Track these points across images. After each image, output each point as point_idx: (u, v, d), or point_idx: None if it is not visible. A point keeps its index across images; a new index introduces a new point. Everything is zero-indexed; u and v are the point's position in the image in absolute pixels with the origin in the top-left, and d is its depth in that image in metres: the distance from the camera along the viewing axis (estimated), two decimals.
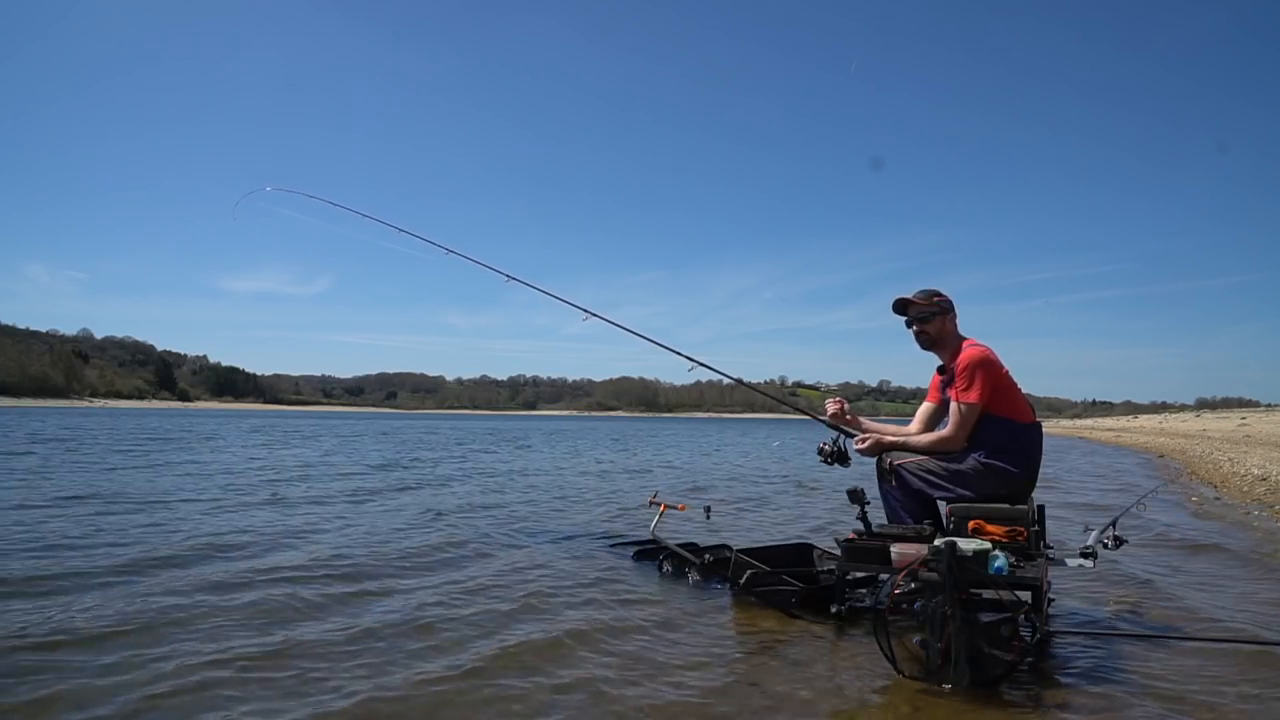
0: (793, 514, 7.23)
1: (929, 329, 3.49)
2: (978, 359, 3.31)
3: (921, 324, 3.50)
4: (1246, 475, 10.38)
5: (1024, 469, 3.30)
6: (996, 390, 3.32)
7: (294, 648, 2.91)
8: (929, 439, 3.42)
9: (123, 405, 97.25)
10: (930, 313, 3.48)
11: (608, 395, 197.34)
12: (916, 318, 3.51)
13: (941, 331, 3.49)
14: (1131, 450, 21.97)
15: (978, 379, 3.28)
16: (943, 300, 3.50)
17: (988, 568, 2.73)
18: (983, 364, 3.30)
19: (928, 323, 3.49)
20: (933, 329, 3.49)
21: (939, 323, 3.48)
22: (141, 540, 4.99)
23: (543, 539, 5.50)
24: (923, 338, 3.53)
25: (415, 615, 3.39)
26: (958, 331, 3.52)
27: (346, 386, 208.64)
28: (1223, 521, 6.67)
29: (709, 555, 4.36)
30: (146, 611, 3.30)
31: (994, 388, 3.31)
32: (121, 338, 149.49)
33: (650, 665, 2.85)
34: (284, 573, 4.10)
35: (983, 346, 3.40)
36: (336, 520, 6.20)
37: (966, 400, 3.29)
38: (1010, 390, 3.36)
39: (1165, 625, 3.44)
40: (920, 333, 3.52)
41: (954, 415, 3.34)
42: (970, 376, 3.29)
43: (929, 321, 3.48)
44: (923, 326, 3.50)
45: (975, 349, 3.37)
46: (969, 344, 3.44)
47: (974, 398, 3.28)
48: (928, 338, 3.51)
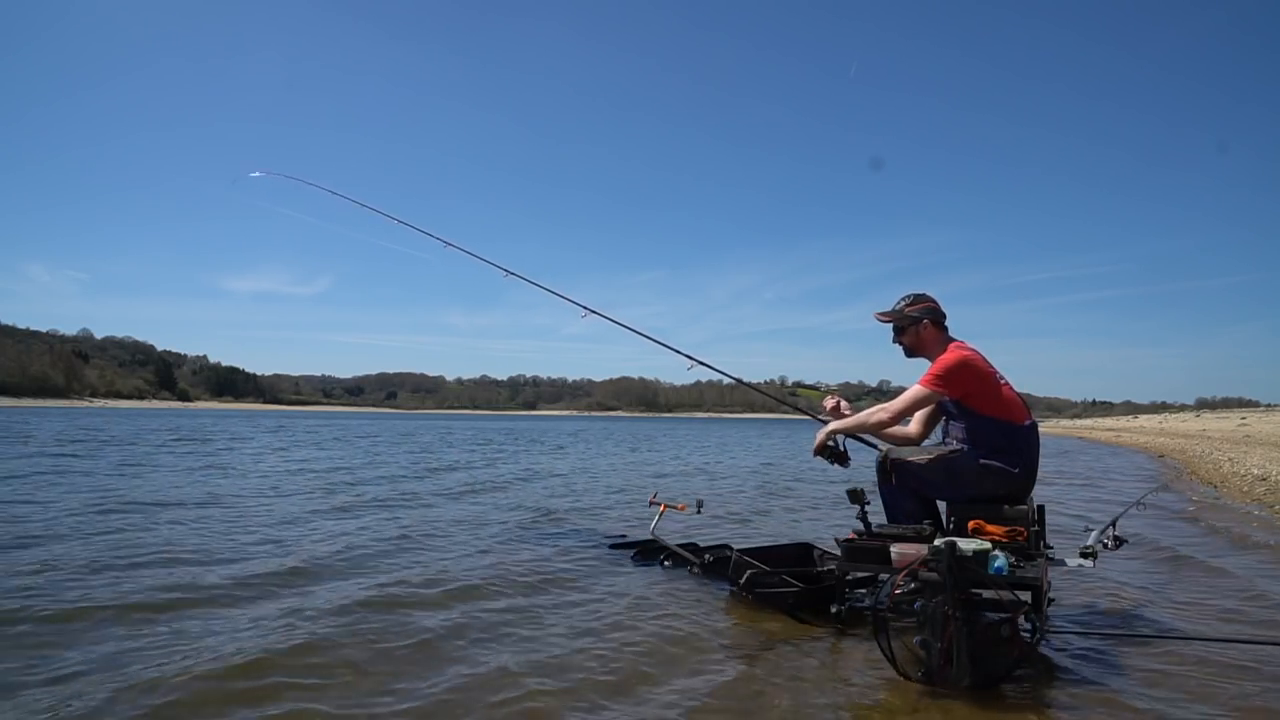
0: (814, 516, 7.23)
1: (904, 340, 3.60)
2: (952, 360, 3.37)
3: (897, 335, 3.61)
4: (1246, 475, 10.38)
5: (1022, 469, 3.31)
6: (982, 392, 3.35)
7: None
8: (875, 416, 3.49)
9: (123, 405, 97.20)
10: (900, 324, 3.57)
11: (608, 395, 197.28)
12: (894, 329, 3.61)
13: (917, 341, 3.56)
14: (1131, 450, 21.97)
15: (939, 372, 3.35)
16: (915, 309, 3.55)
17: (988, 568, 2.73)
18: (956, 365, 3.35)
19: (903, 334, 3.59)
20: (908, 339, 3.59)
21: (913, 333, 3.56)
22: (278, 548, 4.83)
23: (556, 538, 5.50)
24: (903, 348, 3.63)
25: (464, 621, 3.40)
26: (940, 336, 3.55)
27: (346, 386, 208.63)
28: (1223, 521, 6.67)
29: (709, 555, 4.37)
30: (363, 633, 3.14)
31: (968, 391, 3.34)
32: (121, 338, 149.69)
33: (649, 665, 2.85)
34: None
35: (966, 350, 3.43)
36: (457, 529, 6.16)
37: (918, 383, 3.38)
38: (997, 391, 3.37)
39: (1165, 625, 3.44)
40: (898, 342, 3.63)
41: (902, 395, 3.43)
42: (935, 366, 3.37)
43: (904, 332, 3.59)
44: (898, 338, 3.62)
45: (954, 352, 3.41)
46: (954, 346, 3.47)
47: (924, 382, 3.37)
48: (906, 348, 3.62)
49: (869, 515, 3.41)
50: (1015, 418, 3.36)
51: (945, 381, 3.34)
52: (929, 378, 3.37)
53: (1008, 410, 3.35)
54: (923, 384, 3.37)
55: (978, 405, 3.34)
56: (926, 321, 3.53)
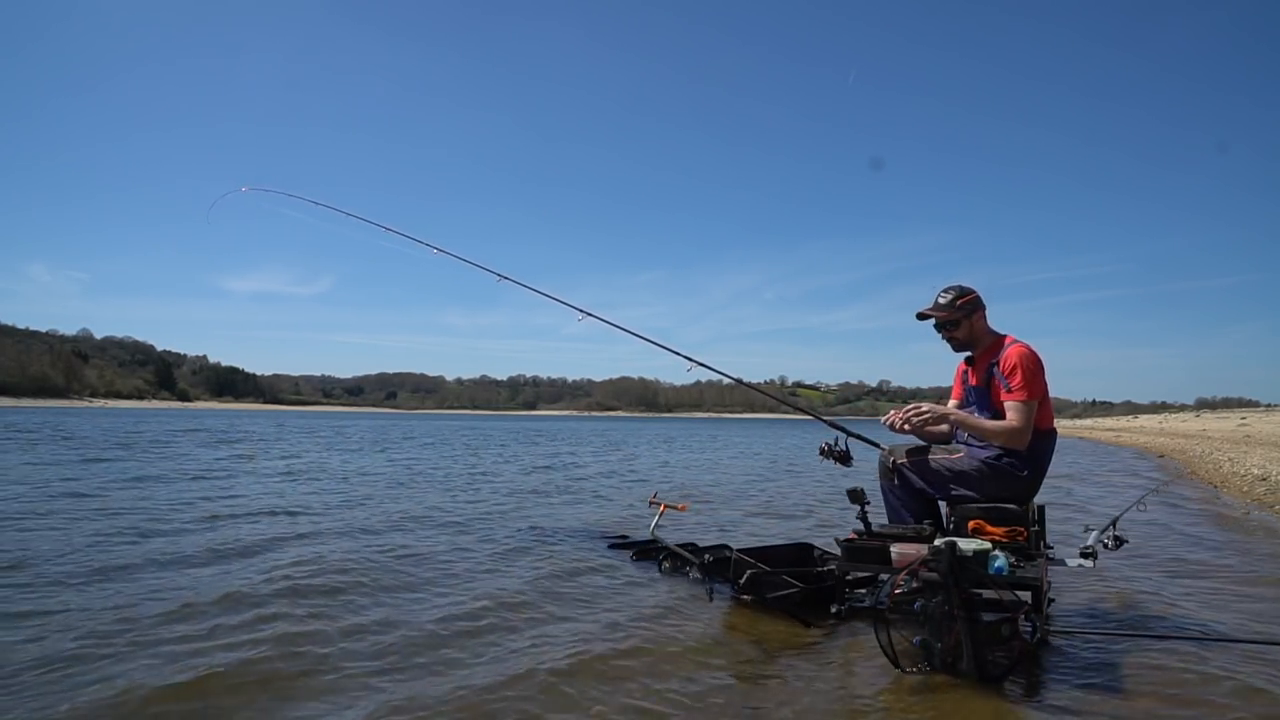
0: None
1: (958, 334, 3.49)
2: (1030, 357, 3.28)
3: (949, 330, 3.50)
4: (1246, 475, 10.37)
5: (1032, 473, 3.29)
6: (1043, 394, 3.29)
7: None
8: (995, 424, 3.28)
9: (122, 405, 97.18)
10: (955, 319, 3.46)
11: (607, 395, 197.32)
12: (943, 325, 3.50)
13: (971, 333, 3.47)
14: (1132, 450, 21.96)
15: (1034, 377, 3.25)
16: (966, 302, 3.45)
17: (988, 568, 2.73)
18: (1037, 363, 3.28)
19: (956, 328, 3.48)
20: (961, 334, 3.48)
21: (966, 326, 3.46)
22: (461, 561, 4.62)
23: (556, 538, 5.49)
24: (954, 343, 3.53)
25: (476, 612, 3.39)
26: (989, 327, 3.50)
27: (346, 386, 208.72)
28: (1222, 521, 6.67)
29: (709, 555, 4.36)
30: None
31: (1043, 393, 3.28)
32: (121, 338, 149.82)
33: (649, 666, 2.85)
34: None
35: (1026, 345, 3.36)
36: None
37: (1024, 398, 3.23)
38: (1044, 395, 3.33)
39: (1164, 625, 3.43)
40: (950, 338, 3.52)
41: (1017, 414, 3.23)
42: (1025, 374, 3.24)
43: (957, 327, 3.47)
44: (951, 333, 3.50)
45: (1021, 346, 3.33)
46: (1010, 340, 3.40)
47: (1038, 393, 3.24)
48: (958, 342, 3.51)
49: (869, 515, 3.42)
50: (1042, 423, 3.32)
51: (1041, 386, 3.26)
52: (1038, 389, 3.23)
53: (1041, 416, 3.30)
54: (1035, 395, 3.23)
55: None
56: (980, 312, 3.47)
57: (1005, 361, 3.30)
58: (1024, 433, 3.22)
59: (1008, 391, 3.26)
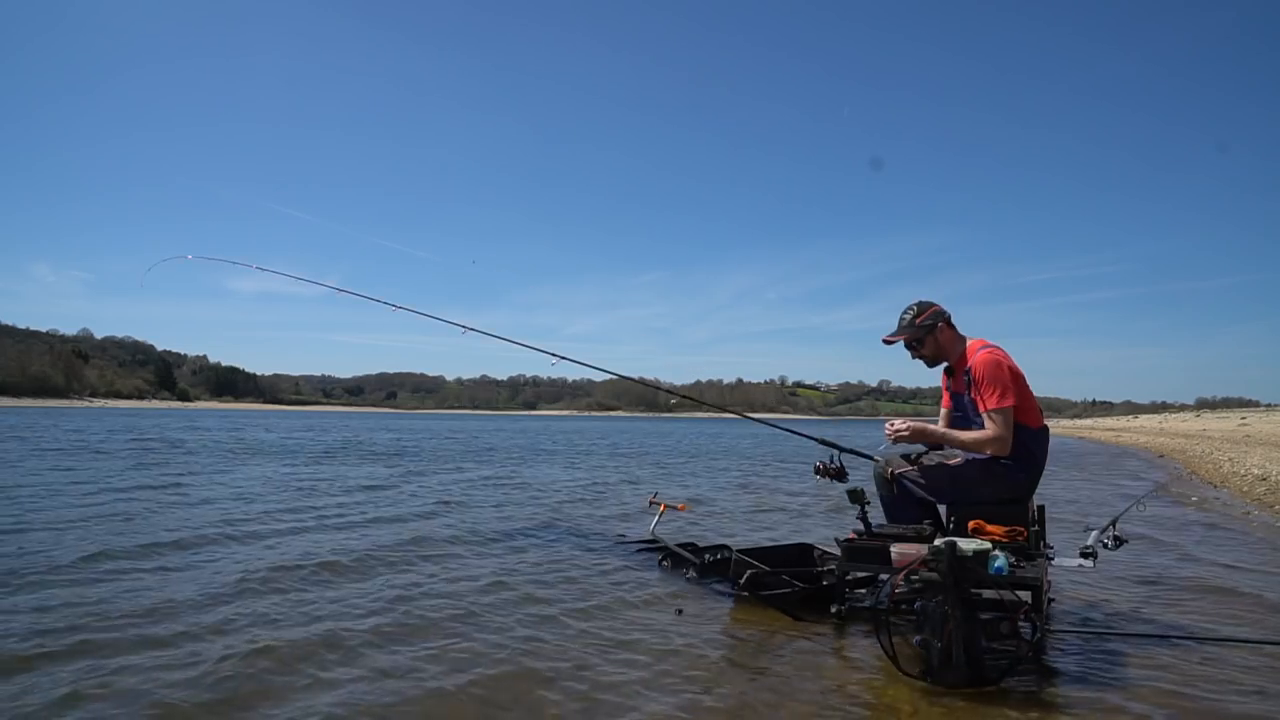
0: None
1: (924, 352, 3.52)
2: (993, 363, 3.28)
3: (916, 350, 3.53)
4: (1246, 475, 10.37)
5: (1028, 473, 3.30)
6: (1020, 393, 3.28)
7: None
8: (973, 436, 3.31)
9: (122, 405, 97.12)
10: (918, 337, 3.49)
11: (608, 395, 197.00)
12: (908, 345, 3.52)
13: (938, 347, 3.50)
14: (1132, 450, 21.96)
15: (1002, 382, 3.25)
16: (925, 317, 3.48)
17: (988, 568, 2.72)
18: (1000, 367, 3.28)
19: (922, 346, 3.51)
20: (927, 350, 3.51)
21: (931, 342, 3.49)
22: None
23: (554, 539, 5.49)
24: (924, 360, 3.55)
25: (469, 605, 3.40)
26: (957, 335, 3.51)
27: (346, 386, 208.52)
28: (1222, 521, 6.67)
29: (709, 555, 4.36)
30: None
31: (1018, 390, 3.28)
32: (121, 338, 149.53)
33: (649, 665, 2.85)
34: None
35: (994, 348, 3.37)
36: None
37: (1001, 405, 3.23)
38: (1024, 393, 3.33)
39: (1165, 624, 3.43)
40: (919, 357, 3.54)
41: (993, 422, 3.24)
42: (990, 381, 3.26)
43: (922, 345, 3.50)
44: (918, 351, 3.53)
45: (988, 352, 3.34)
46: (979, 345, 3.42)
47: (1009, 400, 3.24)
48: (927, 359, 3.54)
49: (869, 515, 3.41)
50: (1031, 421, 3.32)
51: (1014, 392, 3.26)
52: (1010, 397, 3.22)
53: (1027, 414, 3.31)
54: (1009, 403, 3.22)
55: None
56: (941, 324, 3.48)
57: (975, 370, 3.33)
58: (1004, 440, 3.24)
59: (983, 401, 3.28)
